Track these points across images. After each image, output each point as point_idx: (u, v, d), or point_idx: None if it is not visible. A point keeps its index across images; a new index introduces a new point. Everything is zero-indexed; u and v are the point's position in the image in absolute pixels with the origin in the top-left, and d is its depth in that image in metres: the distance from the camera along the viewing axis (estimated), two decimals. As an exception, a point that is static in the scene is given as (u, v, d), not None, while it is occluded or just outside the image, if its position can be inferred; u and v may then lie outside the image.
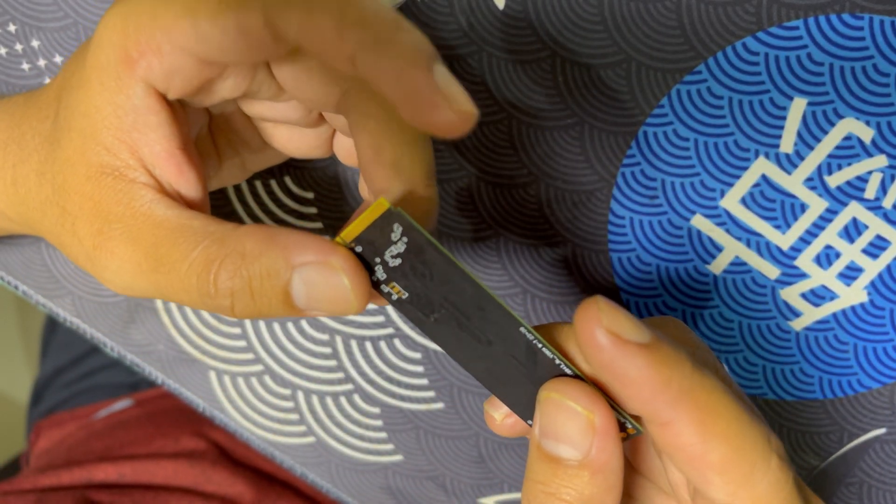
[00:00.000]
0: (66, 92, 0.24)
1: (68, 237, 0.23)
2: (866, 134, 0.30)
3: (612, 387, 0.19)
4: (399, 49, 0.19)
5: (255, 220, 0.34)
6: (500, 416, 0.23)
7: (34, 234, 0.28)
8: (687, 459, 0.19)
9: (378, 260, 0.21)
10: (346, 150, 0.27)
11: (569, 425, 0.20)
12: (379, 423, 0.37)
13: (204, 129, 0.26)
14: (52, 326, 0.63)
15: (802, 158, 0.30)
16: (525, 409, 0.22)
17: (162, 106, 0.22)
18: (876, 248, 0.31)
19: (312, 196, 0.34)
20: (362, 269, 0.20)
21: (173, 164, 0.23)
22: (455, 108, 0.19)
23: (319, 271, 0.20)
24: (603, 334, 0.18)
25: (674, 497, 0.24)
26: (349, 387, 0.37)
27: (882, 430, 0.34)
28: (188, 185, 0.23)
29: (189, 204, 0.23)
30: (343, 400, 0.37)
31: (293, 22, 0.20)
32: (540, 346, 0.21)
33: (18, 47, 0.32)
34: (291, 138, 0.27)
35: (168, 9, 0.21)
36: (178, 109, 0.23)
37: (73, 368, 0.59)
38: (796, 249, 0.32)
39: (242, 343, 0.37)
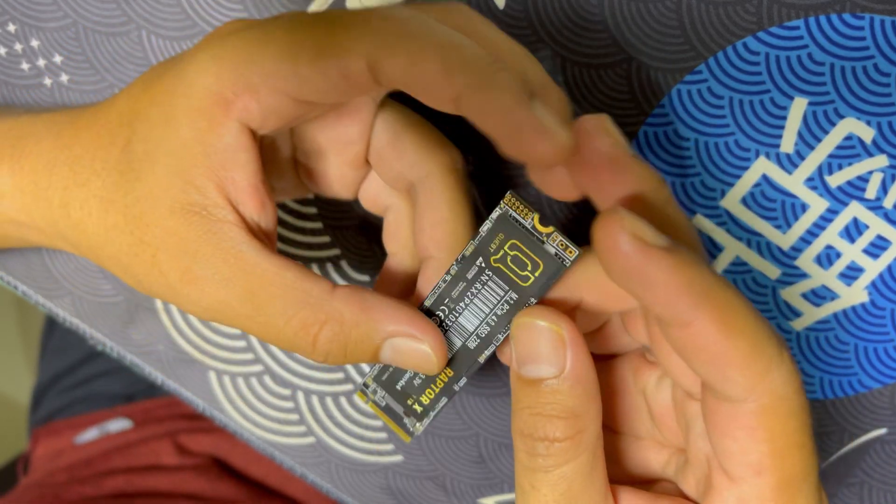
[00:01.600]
0: (142, 123, 0.24)
1: (145, 267, 0.24)
2: (867, 134, 0.30)
3: (635, 291, 0.20)
4: (499, 91, 0.20)
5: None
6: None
7: (70, 251, 0.28)
8: (708, 359, 0.20)
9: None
10: (370, 197, 0.28)
11: (541, 343, 0.22)
12: (379, 423, 0.37)
13: None
14: (49, 331, 0.63)
15: (803, 158, 0.30)
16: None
17: (252, 143, 0.23)
18: (876, 248, 0.31)
19: (315, 211, 0.34)
20: (442, 339, 0.23)
21: (257, 199, 0.23)
22: (554, 141, 0.20)
23: (407, 341, 0.23)
24: (627, 240, 0.19)
25: (653, 437, 0.25)
26: (349, 387, 0.37)
27: (883, 431, 0.34)
28: (267, 218, 0.24)
29: (266, 234, 0.24)
30: (343, 400, 0.37)
31: (398, 67, 0.20)
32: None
33: (18, 47, 0.32)
34: (330, 177, 0.27)
35: (265, 52, 0.21)
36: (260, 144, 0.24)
37: (69, 375, 0.59)
38: (797, 249, 0.32)
39: (242, 343, 0.37)
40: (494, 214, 0.23)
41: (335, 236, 0.34)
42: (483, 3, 0.29)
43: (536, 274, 0.23)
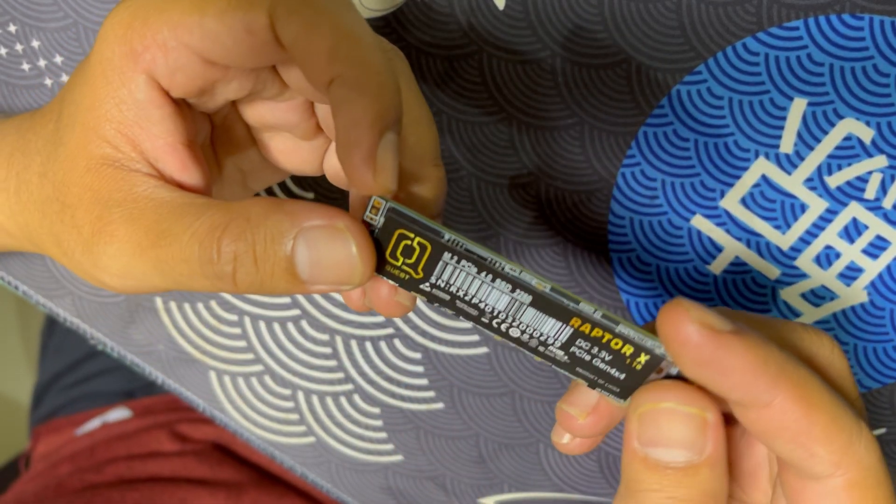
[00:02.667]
0: (69, 91, 0.24)
1: (67, 230, 0.23)
2: (866, 134, 0.30)
3: (710, 380, 0.19)
4: (369, 102, 0.20)
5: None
6: (582, 415, 0.23)
7: (32, 249, 0.28)
8: (792, 437, 0.19)
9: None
10: (334, 169, 0.27)
11: (681, 429, 0.20)
12: (379, 423, 0.37)
13: (206, 140, 0.26)
14: (50, 331, 0.63)
15: (802, 159, 0.30)
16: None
17: (165, 101, 0.22)
18: (876, 248, 0.31)
19: (313, 196, 0.34)
20: (368, 235, 0.20)
21: (177, 159, 0.23)
22: (376, 181, 0.20)
23: (324, 233, 0.20)
24: (696, 329, 0.18)
25: (733, 495, 0.24)
26: (349, 387, 0.37)
27: (882, 431, 0.34)
28: (193, 180, 0.23)
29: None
30: (343, 400, 0.37)
31: (292, 30, 0.20)
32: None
33: (18, 47, 0.32)
34: (287, 151, 0.27)
35: (176, 5, 0.21)
36: (183, 109, 0.23)
37: (70, 373, 0.59)
38: (796, 250, 0.32)
39: (242, 343, 0.37)
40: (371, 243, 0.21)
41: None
42: (483, 3, 0.29)
43: (418, 242, 0.20)
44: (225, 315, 0.36)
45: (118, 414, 0.54)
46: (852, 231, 0.31)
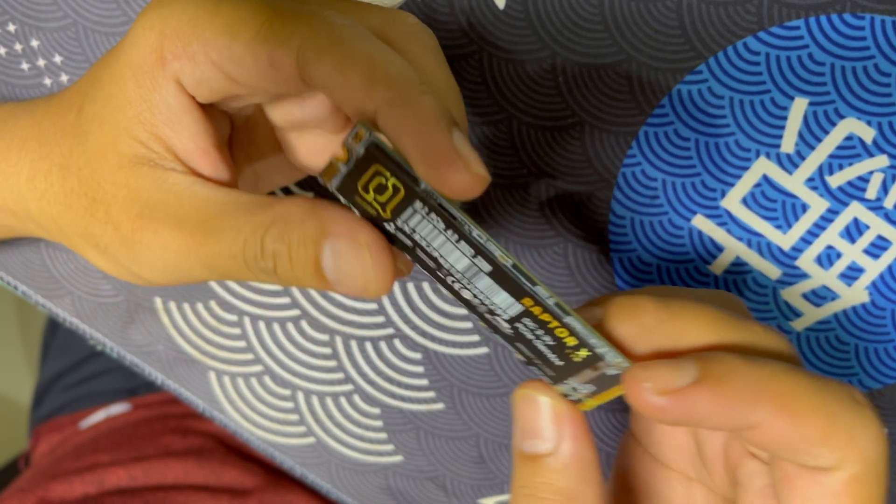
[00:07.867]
0: (93, 87, 0.24)
1: (100, 225, 0.24)
2: (867, 134, 0.30)
3: (691, 426, 0.20)
4: (421, 111, 0.20)
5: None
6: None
7: (41, 234, 0.28)
8: (789, 448, 0.19)
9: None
10: None
11: (538, 418, 0.21)
12: (379, 423, 0.37)
13: (224, 140, 0.26)
14: (52, 330, 0.63)
15: (803, 158, 0.30)
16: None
17: (194, 107, 0.23)
18: (877, 248, 0.31)
19: (312, 195, 0.34)
20: (387, 250, 0.21)
21: (208, 162, 0.23)
22: (470, 171, 0.20)
23: (346, 245, 0.21)
24: (658, 398, 0.19)
25: (703, 481, 0.24)
26: (349, 387, 0.37)
27: (884, 431, 0.34)
28: (224, 179, 0.23)
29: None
30: (343, 400, 0.37)
31: (323, 72, 0.20)
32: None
33: (18, 47, 0.32)
34: (318, 147, 0.27)
35: (209, 21, 0.21)
36: (209, 112, 0.23)
37: (72, 373, 0.59)
38: (797, 250, 0.32)
39: (242, 343, 0.37)
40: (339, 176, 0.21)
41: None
42: (483, 3, 0.29)
43: (392, 183, 0.20)
44: (225, 315, 0.36)
45: (121, 407, 0.54)
46: (853, 231, 0.31)
